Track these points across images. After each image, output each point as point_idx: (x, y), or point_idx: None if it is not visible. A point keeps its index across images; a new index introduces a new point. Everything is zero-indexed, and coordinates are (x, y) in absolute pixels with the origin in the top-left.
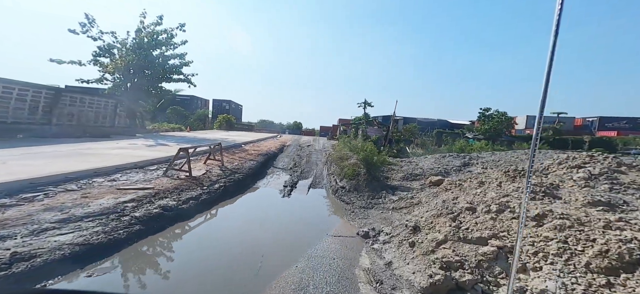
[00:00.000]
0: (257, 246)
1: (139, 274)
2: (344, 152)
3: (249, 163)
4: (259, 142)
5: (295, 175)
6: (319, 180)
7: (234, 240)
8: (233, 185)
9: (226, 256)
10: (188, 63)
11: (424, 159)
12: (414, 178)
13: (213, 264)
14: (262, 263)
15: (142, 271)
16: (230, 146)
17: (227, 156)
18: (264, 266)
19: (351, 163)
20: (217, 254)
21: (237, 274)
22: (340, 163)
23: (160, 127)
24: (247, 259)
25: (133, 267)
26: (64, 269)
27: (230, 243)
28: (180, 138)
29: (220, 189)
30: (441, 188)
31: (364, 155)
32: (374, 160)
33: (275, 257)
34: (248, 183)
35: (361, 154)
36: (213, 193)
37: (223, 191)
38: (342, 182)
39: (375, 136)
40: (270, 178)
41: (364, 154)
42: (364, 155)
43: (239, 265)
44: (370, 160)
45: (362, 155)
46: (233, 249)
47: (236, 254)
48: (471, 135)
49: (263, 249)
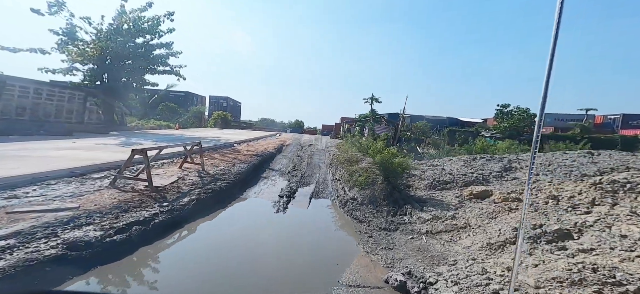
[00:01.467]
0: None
1: None
2: (352, 153)
3: (238, 167)
4: (255, 141)
5: (294, 180)
6: (323, 186)
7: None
8: (211, 197)
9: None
10: (176, 53)
11: (449, 162)
12: (444, 187)
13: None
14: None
15: None
16: (220, 146)
17: (213, 159)
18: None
19: (362, 167)
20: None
21: None
22: (348, 167)
23: (145, 124)
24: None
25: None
26: None
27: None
28: (164, 136)
29: (191, 204)
30: (498, 205)
31: (380, 158)
32: (393, 165)
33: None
34: (234, 193)
35: (377, 157)
36: (178, 210)
37: (195, 206)
38: (352, 191)
39: (384, 134)
40: (263, 184)
41: (381, 157)
42: (380, 158)
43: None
44: (388, 165)
45: (378, 158)
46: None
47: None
48: (488, 133)
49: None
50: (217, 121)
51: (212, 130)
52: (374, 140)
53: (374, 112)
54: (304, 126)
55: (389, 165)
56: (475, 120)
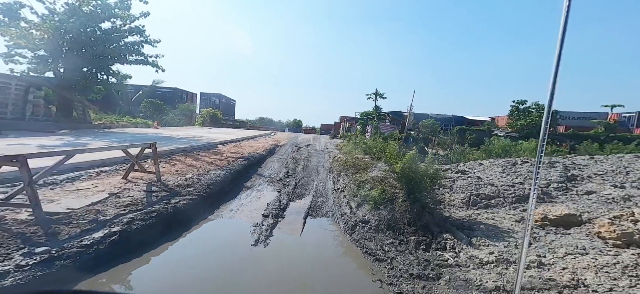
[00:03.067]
0: None
1: None
2: (357, 156)
3: (213, 175)
4: (244, 142)
5: (285, 190)
6: (322, 199)
7: None
8: (156, 223)
9: None
10: (153, 42)
11: (480, 167)
12: (488, 204)
13: None
14: None
15: None
16: (199, 147)
17: (182, 164)
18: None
19: (374, 177)
20: None
21: None
22: (355, 175)
23: (115, 121)
24: None
25: None
26: None
27: None
28: (132, 135)
29: (107, 241)
30: (609, 241)
31: (403, 166)
32: (419, 175)
33: None
34: (201, 211)
35: (397, 164)
36: (72, 257)
37: (114, 243)
38: (361, 210)
39: (391, 133)
40: (245, 197)
41: (404, 165)
42: (403, 166)
43: None
44: (413, 175)
45: (398, 165)
46: None
47: None
48: (502, 132)
49: None
50: (206, 119)
51: (199, 128)
52: (383, 140)
53: (378, 108)
54: (302, 125)
55: (414, 175)
56: (483, 118)
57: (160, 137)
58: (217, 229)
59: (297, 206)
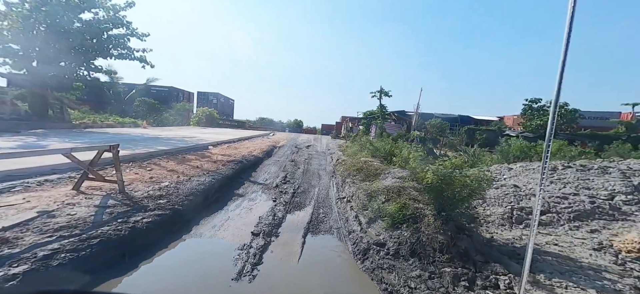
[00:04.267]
0: None
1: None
2: (364, 160)
3: (196, 182)
4: (240, 142)
5: (282, 200)
6: (325, 210)
7: None
8: (92, 254)
9: None
10: (140, 35)
11: (511, 173)
12: (539, 221)
13: None
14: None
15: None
16: (186, 149)
17: (160, 169)
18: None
19: (389, 187)
20: None
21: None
22: (364, 183)
23: (99, 121)
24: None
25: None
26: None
27: None
28: (112, 136)
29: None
30: None
31: (435, 175)
32: (454, 184)
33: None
34: (173, 229)
35: (428, 174)
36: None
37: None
38: (374, 227)
39: (398, 133)
40: (234, 209)
41: (436, 174)
42: (435, 175)
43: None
44: (445, 189)
45: (430, 175)
46: None
47: None
48: (514, 132)
49: None
50: (201, 119)
51: (193, 128)
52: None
53: (383, 107)
54: (303, 125)
55: (448, 188)
56: (490, 118)
57: (145, 138)
58: (189, 255)
59: (295, 220)
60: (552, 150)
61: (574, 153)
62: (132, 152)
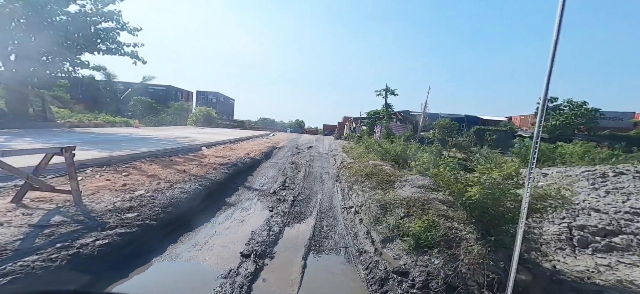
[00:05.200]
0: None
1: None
2: (373, 163)
3: (180, 189)
4: (237, 143)
5: (279, 209)
6: (329, 222)
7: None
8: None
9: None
10: (131, 30)
11: (547, 180)
12: (611, 245)
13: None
14: None
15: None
16: (176, 150)
17: (140, 174)
18: None
19: (408, 198)
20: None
21: None
22: (376, 191)
23: (86, 120)
24: None
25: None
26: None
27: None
28: (96, 136)
29: None
30: None
31: (483, 188)
32: (504, 196)
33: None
34: (141, 251)
35: (473, 189)
36: None
37: None
38: (391, 247)
39: (404, 133)
40: (223, 221)
41: (485, 187)
42: (483, 188)
43: None
44: (492, 205)
45: (475, 190)
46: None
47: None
48: (527, 133)
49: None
50: (199, 118)
51: (190, 128)
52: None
53: (388, 106)
54: (304, 126)
55: (495, 202)
56: (499, 118)
57: (132, 138)
58: (155, 287)
59: (294, 234)
60: (578, 153)
61: (603, 155)
62: (110, 155)
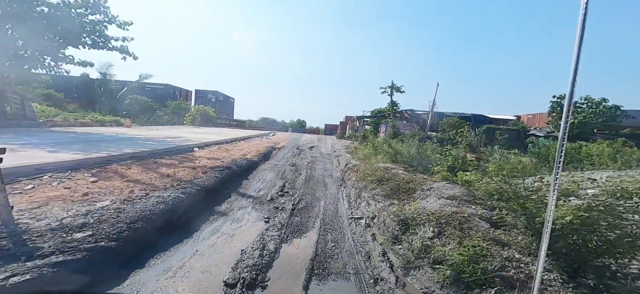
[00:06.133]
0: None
1: None
2: (384, 166)
3: (156, 199)
4: (234, 143)
5: (277, 219)
6: (335, 235)
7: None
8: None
9: None
10: (121, 24)
11: (594, 186)
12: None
13: None
14: None
15: None
16: (164, 151)
17: (115, 180)
18: None
19: (438, 214)
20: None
21: None
22: (392, 202)
23: (73, 119)
24: None
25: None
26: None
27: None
28: (75, 136)
29: None
30: None
31: (589, 208)
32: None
33: None
34: (94, 281)
35: (563, 209)
36: None
37: None
38: (418, 277)
39: (412, 132)
40: (207, 236)
41: (585, 206)
42: (589, 208)
43: None
44: (591, 232)
45: (567, 211)
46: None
47: None
48: (541, 132)
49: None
50: (196, 117)
51: (185, 128)
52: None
53: (394, 104)
54: (306, 125)
55: (594, 228)
56: (507, 117)
57: (119, 138)
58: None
59: (293, 253)
60: (607, 153)
61: (638, 155)
62: (82, 157)
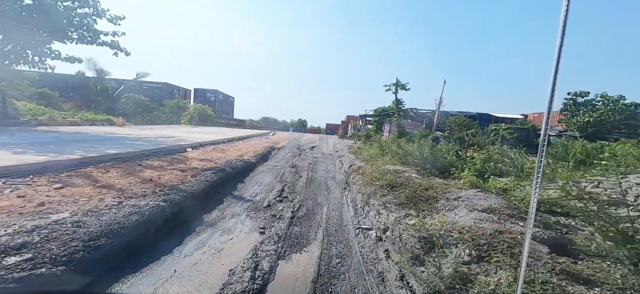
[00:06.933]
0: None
1: None
2: (394, 168)
3: (129, 209)
4: (232, 143)
5: (273, 230)
6: (341, 249)
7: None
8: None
9: None
10: (112, 17)
11: None
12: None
13: None
14: None
15: None
16: (155, 152)
17: (87, 186)
18: None
19: (471, 230)
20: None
21: None
22: (413, 218)
23: (60, 117)
24: None
25: None
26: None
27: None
28: (57, 135)
29: None
30: None
31: None
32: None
33: None
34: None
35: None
36: None
37: None
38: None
39: (419, 131)
40: (189, 252)
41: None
42: None
43: None
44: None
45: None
46: None
47: None
48: (554, 131)
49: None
50: (194, 117)
51: (181, 127)
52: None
53: (399, 102)
54: (307, 125)
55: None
56: (514, 116)
57: (106, 138)
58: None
59: (291, 273)
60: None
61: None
62: (52, 159)
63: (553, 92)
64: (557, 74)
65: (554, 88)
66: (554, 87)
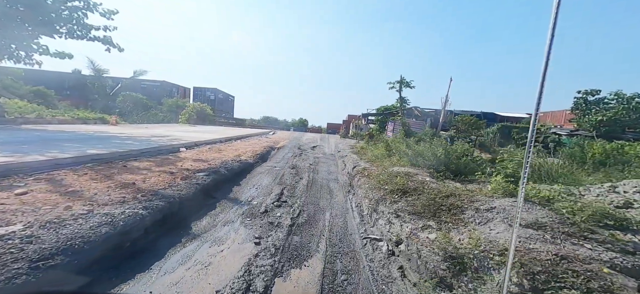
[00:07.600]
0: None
1: None
2: (402, 170)
3: (100, 218)
4: (229, 143)
5: (271, 239)
6: (346, 263)
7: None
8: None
9: None
10: (104, 12)
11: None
12: None
13: None
14: None
15: None
16: (144, 152)
17: (48, 194)
18: None
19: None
20: None
21: None
22: (433, 231)
23: (49, 116)
24: None
25: None
26: None
27: None
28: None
29: None
30: None
31: None
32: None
33: None
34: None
35: None
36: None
37: None
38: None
39: (425, 131)
40: (171, 268)
41: None
42: None
43: None
44: None
45: None
46: None
47: None
48: (564, 130)
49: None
50: (192, 116)
51: (178, 126)
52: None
53: (403, 100)
54: (308, 124)
55: None
56: (520, 115)
57: (93, 137)
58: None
59: (288, 292)
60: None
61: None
62: (18, 160)
63: (541, 94)
64: (546, 73)
65: (541, 90)
66: (542, 88)
